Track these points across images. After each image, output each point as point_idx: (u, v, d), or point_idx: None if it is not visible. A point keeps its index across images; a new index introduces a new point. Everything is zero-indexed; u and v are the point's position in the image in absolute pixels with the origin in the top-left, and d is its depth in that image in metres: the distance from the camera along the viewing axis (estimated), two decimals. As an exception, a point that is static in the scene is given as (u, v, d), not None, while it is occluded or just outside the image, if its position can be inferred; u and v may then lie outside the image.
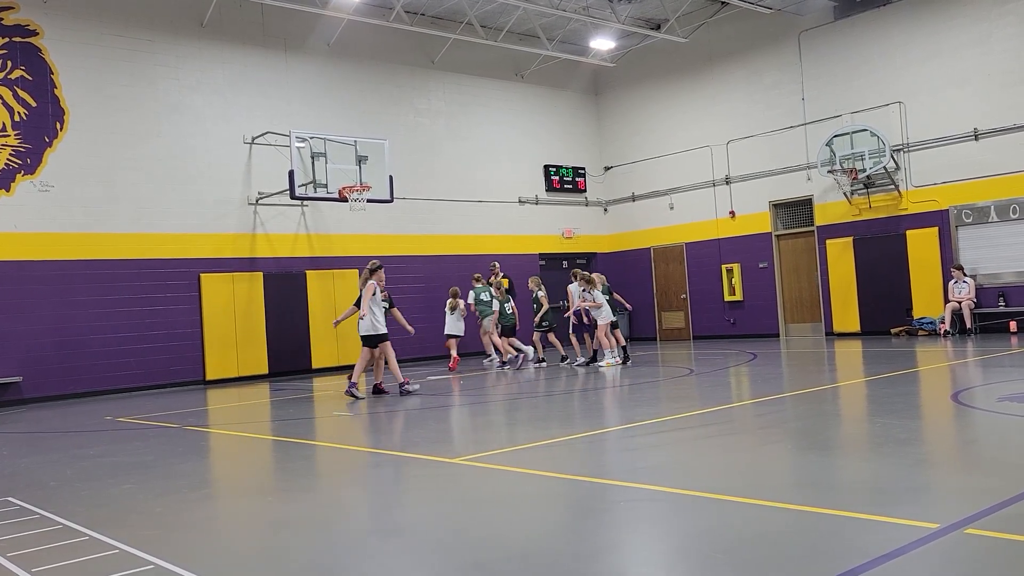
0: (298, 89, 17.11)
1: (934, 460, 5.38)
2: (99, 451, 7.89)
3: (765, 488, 4.79)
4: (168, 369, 14.97)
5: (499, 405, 10.03)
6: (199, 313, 15.38)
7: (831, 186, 17.81)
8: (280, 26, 16.82)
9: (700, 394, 9.72)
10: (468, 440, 7.41)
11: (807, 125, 18.12)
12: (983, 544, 3.46)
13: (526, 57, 20.23)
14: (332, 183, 15.17)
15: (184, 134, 15.58)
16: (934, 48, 16.36)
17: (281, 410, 10.99)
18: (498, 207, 20.13)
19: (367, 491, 5.66)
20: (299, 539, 4.26)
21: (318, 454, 7.26)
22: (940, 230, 16.30)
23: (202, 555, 4.12)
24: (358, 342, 17.09)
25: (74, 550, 4.21)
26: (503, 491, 5.18)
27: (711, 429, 7.08)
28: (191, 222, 15.51)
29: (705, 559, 3.55)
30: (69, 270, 14.10)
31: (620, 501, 4.66)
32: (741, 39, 19.21)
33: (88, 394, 14.05)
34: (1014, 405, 7.08)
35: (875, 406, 8.02)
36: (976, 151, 15.88)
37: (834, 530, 3.82)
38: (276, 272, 16.36)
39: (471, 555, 3.81)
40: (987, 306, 15.70)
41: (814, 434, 6.56)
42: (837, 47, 17.75)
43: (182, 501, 5.39)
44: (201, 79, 15.89)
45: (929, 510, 4.01)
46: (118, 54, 14.94)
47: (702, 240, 20.10)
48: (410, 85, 18.87)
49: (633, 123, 21.65)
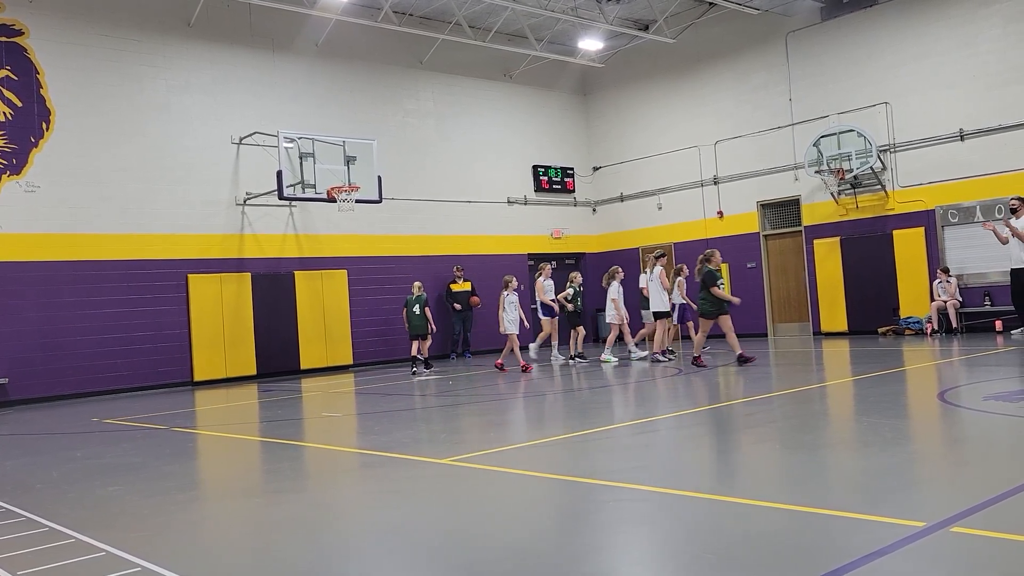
0: (286, 89, 17.06)
1: (920, 459, 5.42)
2: (86, 453, 7.84)
3: (753, 487, 4.81)
4: (155, 370, 14.89)
5: (487, 406, 10.03)
6: (187, 314, 15.31)
7: (818, 186, 17.90)
8: (268, 26, 16.76)
9: (688, 394, 9.75)
10: (456, 440, 7.40)
11: (795, 126, 18.20)
12: (968, 542, 3.49)
13: (515, 57, 20.23)
14: (320, 183, 15.12)
15: (171, 134, 15.50)
16: (920, 49, 16.47)
17: (269, 411, 10.96)
18: (487, 207, 20.13)
19: (356, 492, 5.65)
20: (288, 541, 4.25)
21: (307, 455, 7.24)
22: (926, 230, 16.40)
23: (190, 557, 4.10)
24: (345, 343, 17.15)
25: (60, 552, 4.18)
26: (492, 492, 5.18)
27: (700, 429, 7.11)
28: (178, 223, 15.43)
29: (694, 558, 3.56)
30: (56, 271, 14.01)
31: (609, 501, 4.67)
32: (729, 40, 19.28)
33: (75, 396, 13.97)
34: (999, 404, 7.14)
35: (862, 405, 8.07)
36: (962, 152, 15.99)
37: (821, 529, 3.84)
38: (264, 273, 16.30)
39: (461, 556, 3.82)
40: (973, 305, 15.82)
41: (801, 433, 6.59)
42: (824, 48, 17.84)
43: (169, 503, 5.36)
44: (188, 79, 15.82)
45: (915, 509, 4.03)
46: (105, 54, 14.85)
47: (690, 240, 20.15)
48: (399, 85, 18.84)
49: (621, 123, 21.69)
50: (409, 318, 14.52)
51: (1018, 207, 13.03)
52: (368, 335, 17.63)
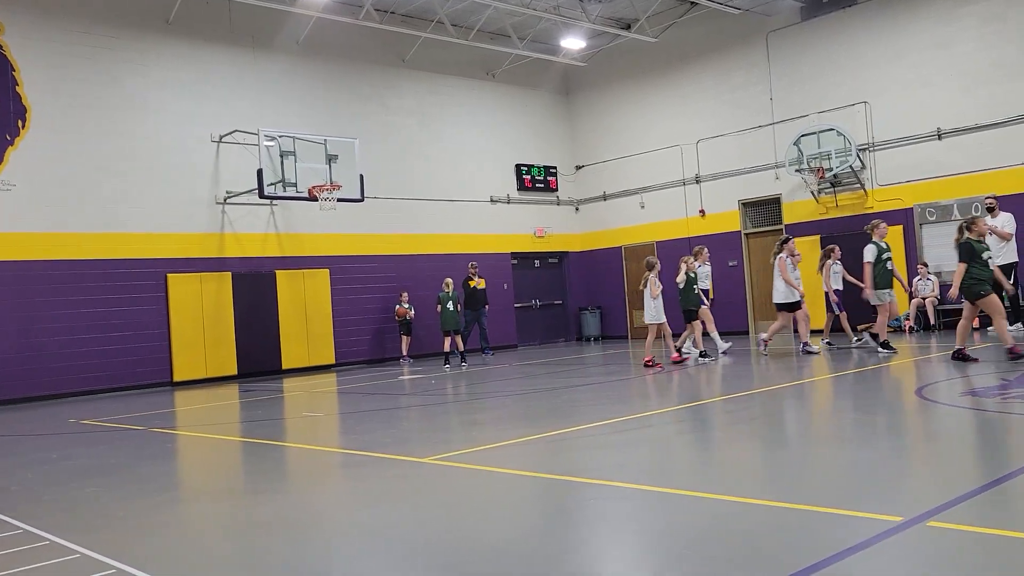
0: (267, 87, 16.95)
1: (898, 455, 5.46)
2: (62, 454, 7.75)
3: (734, 484, 4.83)
4: (134, 371, 14.75)
5: (465, 405, 10.01)
6: (166, 314, 15.18)
7: (799, 185, 18.01)
8: (248, 23, 16.65)
9: (670, 391, 9.79)
10: (439, 440, 7.38)
11: (775, 125, 18.30)
12: (945, 536, 3.52)
13: (497, 56, 20.21)
14: (302, 182, 15.04)
15: (150, 132, 15.36)
16: (898, 49, 16.61)
17: (250, 411, 10.88)
18: (470, 206, 20.10)
19: (337, 493, 5.62)
20: (269, 542, 4.22)
21: (288, 456, 7.19)
22: (905, 228, 16.54)
23: (168, 559, 4.06)
24: (327, 343, 17.07)
25: (35, 555, 4.13)
26: (474, 490, 5.17)
27: (681, 426, 7.13)
28: (158, 221, 15.30)
29: (674, 555, 3.57)
30: (32, 270, 13.84)
31: (591, 499, 4.67)
32: (710, 39, 19.35)
33: (51, 397, 13.81)
34: (976, 400, 7.21)
35: (841, 402, 8.13)
36: (939, 151, 16.14)
37: (801, 524, 3.86)
38: (245, 272, 16.19)
39: (443, 555, 3.80)
40: (950, 303, 15.93)
41: (782, 430, 6.62)
42: (804, 48, 17.95)
43: (148, 504, 5.31)
44: (167, 77, 15.68)
45: (893, 504, 4.06)
46: (82, 51, 14.69)
47: (673, 239, 20.21)
48: (381, 84, 18.77)
49: (604, 122, 21.72)
50: (443, 314, 15.12)
51: (994, 206, 13.16)
52: (351, 334, 17.56)
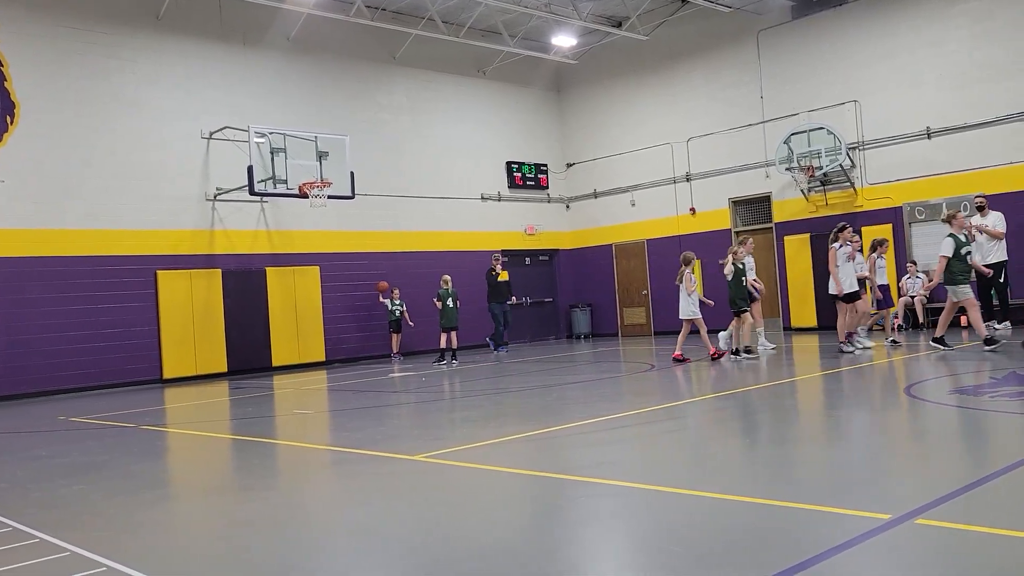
0: (257, 83, 16.89)
1: (887, 452, 5.49)
2: (51, 451, 7.72)
3: (722, 482, 4.85)
4: (124, 368, 14.70)
5: (456, 402, 10.01)
6: (156, 311, 15.12)
7: (789, 183, 18.08)
8: (238, 19, 16.58)
9: (660, 389, 9.81)
10: (430, 437, 7.38)
11: (766, 123, 18.35)
12: (932, 534, 3.54)
13: (488, 53, 20.19)
14: (292, 179, 15.00)
15: (140, 128, 15.29)
16: (889, 48, 16.68)
17: (240, 409, 10.86)
18: (460, 203, 20.09)
19: (327, 490, 5.62)
20: (258, 539, 4.22)
21: (277, 453, 7.18)
22: (894, 226, 16.62)
23: (157, 557, 4.05)
24: (317, 340, 17.03)
25: (24, 553, 4.11)
26: (465, 488, 5.18)
27: (670, 424, 7.15)
28: (147, 218, 15.23)
29: (663, 552, 3.58)
30: (21, 267, 13.76)
31: (580, 496, 4.69)
32: (701, 37, 19.39)
33: (40, 394, 13.74)
34: (964, 398, 7.26)
35: (830, 399, 8.17)
36: (929, 149, 16.22)
37: (789, 522, 3.88)
38: (235, 269, 16.14)
39: (432, 553, 3.81)
40: (939, 301, 16.03)
41: (770, 428, 6.66)
42: (795, 46, 18.00)
43: (137, 502, 5.30)
44: (157, 73, 15.61)
45: (881, 501, 4.09)
46: (71, 47, 14.61)
47: (663, 237, 20.26)
48: (372, 81, 18.74)
49: (595, 120, 21.74)
50: (444, 311, 15.11)
51: (984, 205, 13.22)
52: (341, 331, 17.53)
